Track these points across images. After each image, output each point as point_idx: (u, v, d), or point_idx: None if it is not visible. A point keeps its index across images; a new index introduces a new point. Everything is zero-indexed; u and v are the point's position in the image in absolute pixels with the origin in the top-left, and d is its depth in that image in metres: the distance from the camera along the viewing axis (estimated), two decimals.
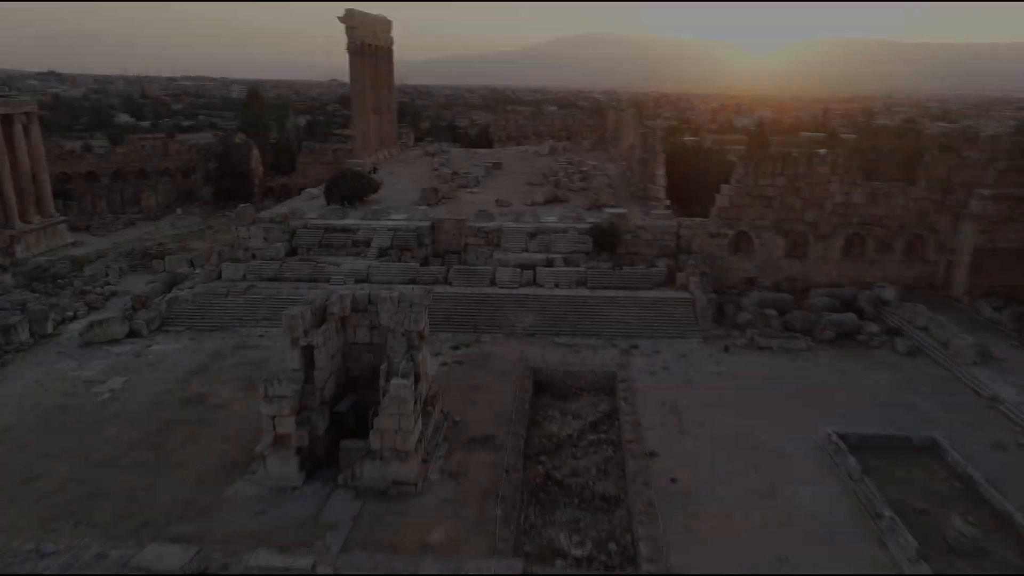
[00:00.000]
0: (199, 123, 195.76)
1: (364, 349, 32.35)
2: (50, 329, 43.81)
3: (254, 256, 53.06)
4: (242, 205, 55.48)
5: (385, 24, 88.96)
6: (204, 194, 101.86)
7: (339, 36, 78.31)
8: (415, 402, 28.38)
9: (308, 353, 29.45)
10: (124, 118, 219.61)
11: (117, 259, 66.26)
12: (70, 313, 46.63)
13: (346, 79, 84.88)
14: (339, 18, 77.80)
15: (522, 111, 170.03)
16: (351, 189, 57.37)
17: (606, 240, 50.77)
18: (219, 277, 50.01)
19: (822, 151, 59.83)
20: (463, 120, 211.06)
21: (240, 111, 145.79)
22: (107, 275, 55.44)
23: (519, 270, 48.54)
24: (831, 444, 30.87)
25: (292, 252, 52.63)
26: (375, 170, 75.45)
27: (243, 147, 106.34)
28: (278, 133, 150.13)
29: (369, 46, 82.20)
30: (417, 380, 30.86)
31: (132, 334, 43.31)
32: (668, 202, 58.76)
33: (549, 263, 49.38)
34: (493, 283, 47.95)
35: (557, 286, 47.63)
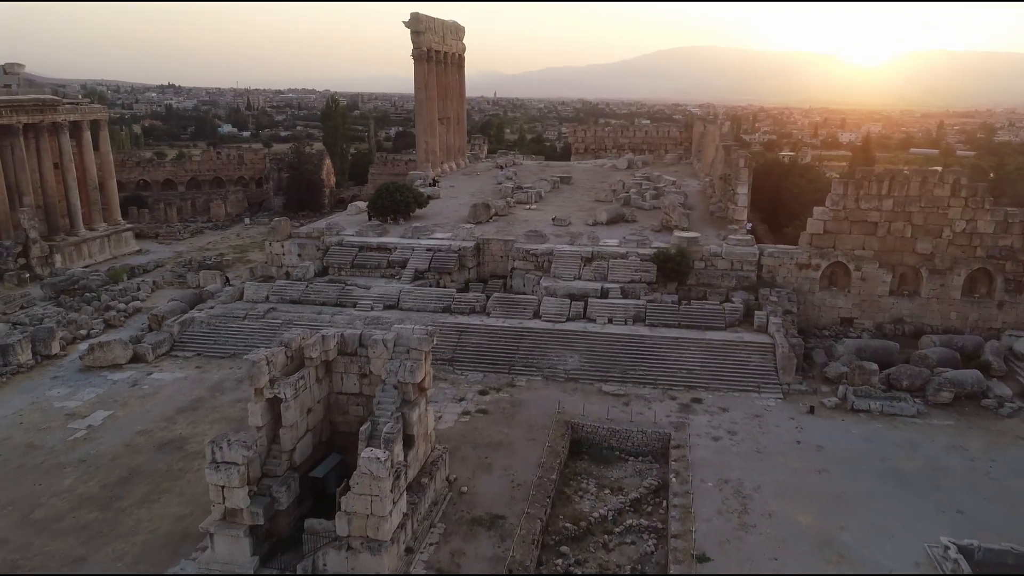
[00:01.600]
0: (297, 134, 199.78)
1: (352, 400, 26.91)
2: (56, 349, 40.62)
3: (288, 274, 49.02)
4: (276, 219, 51.54)
5: (456, 30, 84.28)
6: (275, 204, 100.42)
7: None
8: (397, 477, 22.63)
9: (275, 407, 24.26)
10: (227, 128, 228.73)
11: (175, 268, 64.09)
12: (83, 331, 43.53)
13: None
14: (404, 22, 73.73)
15: (615, 123, 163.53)
16: (393, 203, 52.42)
17: (673, 268, 43.75)
18: (241, 297, 46.02)
19: (939, 169, 50.74)
20: (552, 133, 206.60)
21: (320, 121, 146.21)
22: (138, 289, 52.49)
23: (568, 301, 42.18)
24: (948, 560, 23.09)
25: (324, 271, 48.16)
26: (435, 183, 70.74)
27: (315, 157, 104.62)
28: (368, 144, 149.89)
29: (437, 53, 77.75)
30: (410, 445, 25.20)
31: (137, 358, 39.63)
32: (750, 225, 51.00)
33: (604, 294, 42.77)
34: (537, 315, 41.75)
35: (610, 321, 40.94)
